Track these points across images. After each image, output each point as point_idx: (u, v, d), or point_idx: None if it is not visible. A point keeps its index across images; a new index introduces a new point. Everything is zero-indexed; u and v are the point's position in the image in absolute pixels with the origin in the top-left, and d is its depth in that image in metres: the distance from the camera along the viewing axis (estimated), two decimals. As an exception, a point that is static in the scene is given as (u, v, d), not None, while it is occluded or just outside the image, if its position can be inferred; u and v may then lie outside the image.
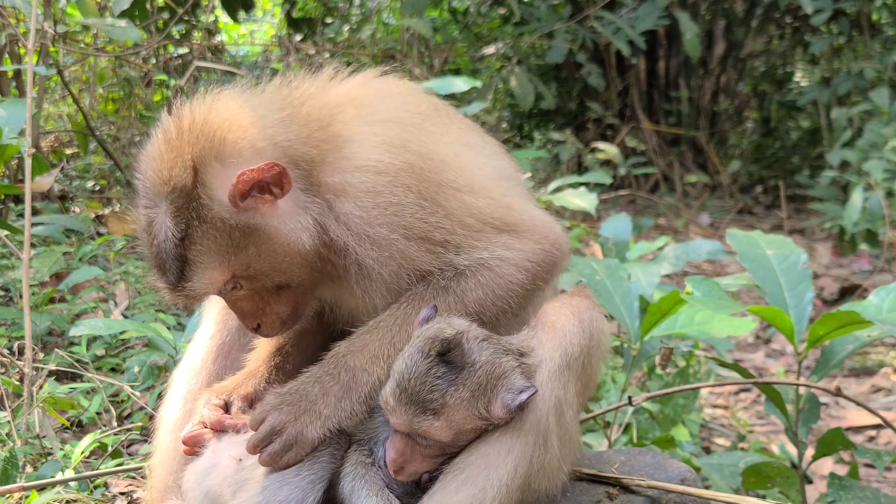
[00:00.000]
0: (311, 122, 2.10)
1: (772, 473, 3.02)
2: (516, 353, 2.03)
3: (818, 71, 11.27)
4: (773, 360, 5.56)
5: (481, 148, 2.36)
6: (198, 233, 1.98)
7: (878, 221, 7.15)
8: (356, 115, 2.14)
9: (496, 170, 2.31)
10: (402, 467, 2.01)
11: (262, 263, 2.04)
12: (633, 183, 10.14)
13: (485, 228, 2.12)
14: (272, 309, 2.14)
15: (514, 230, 2.15)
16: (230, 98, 2.13)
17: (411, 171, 2.07)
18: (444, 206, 2.09)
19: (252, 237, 2.01)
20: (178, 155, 2.00)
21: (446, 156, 2.17)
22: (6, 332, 3.86)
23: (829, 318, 2.62)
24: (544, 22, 9.62)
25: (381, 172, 2.05)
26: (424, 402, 1.92)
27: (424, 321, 2.02)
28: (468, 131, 2.39)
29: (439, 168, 2.12)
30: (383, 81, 2.33)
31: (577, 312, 2.13)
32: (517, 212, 2.19)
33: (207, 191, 1.98)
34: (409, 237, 2.06)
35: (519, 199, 2.26)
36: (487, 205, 2.14)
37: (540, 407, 2.01)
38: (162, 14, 6.88)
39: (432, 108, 2.33)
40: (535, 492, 2.06)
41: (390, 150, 2.07)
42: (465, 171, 2.17)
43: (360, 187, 2.05)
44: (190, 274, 2.01)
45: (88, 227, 5.11)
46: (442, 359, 1.94)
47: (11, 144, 3.72)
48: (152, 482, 2.34)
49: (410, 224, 2.06)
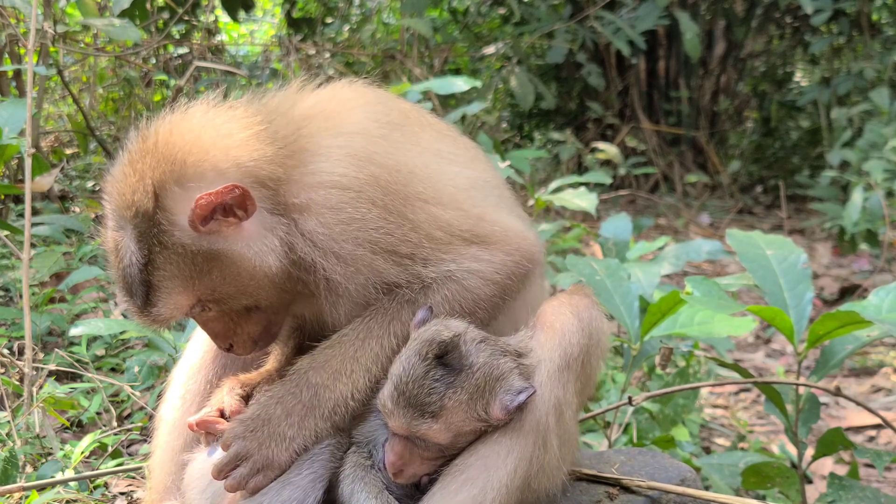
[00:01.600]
0: (278, 139, 2.05)
1: (772, 473, 3.02)
2: (514, 354, 2.02)
3: (818, 71, 11.27)
4: (774, 360, 5.56)
5: (454, 156, 2.30)
6: (160, 258, 1.95)
7: (878, 221, 7.15)
8: (321, 128, 2.09)
9: (469, 179, 2.25)
10: (400, 470, 2.00)
11: (228, 287, 2.00)
12: (633, 183, 10.14)
13: (453, 241, 2.09)
14: (243, 329, 2.11)
15: (484, 241, 2.12)
16: (195, 117, 2.08)
17: (376, 185, 2.02)
18: (412, 218, 2.05)
19: (216, 262, 1.98)
20: (140, 178, 1.96)
21: (415, 167, 2.12)
22: (6, 332, 3.86)
23: (828, 318, 2.62)
24: (544, 22, 9.62)
25: (344, 188, 2.01)
26: (422, 406, 1.91)
27: (420, 323, 2.01)
28: (440, 139, 2.33)
29: (406, 180, 2.08)
30: (352, 91, 2.29)
31: (576, 312, 2.12)
32: (488, 223, 2.15)
33: (168, 216, 1.95)
34: (375, 251, 2.03)
35: (492, 208, 2.22)
36: (456, 217, 2.11)
37: (539, 407, 2.00)
38: (162, 14, 6.88)
39: (402, 116, 2.28)
40: (534, 492, 2.06)
41: (354, 164, 2.02)
42: (435, 182, 2.13)
43: (323, 203, 2.00)
44: (155, 299, 1.98)
45: (88, 227, 5.10)
46: (439, 361, 1.93)
47: (11, 144, 3.72)
48: (152, 482, 2.34)
49: (376, 238, 2.02)
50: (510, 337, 2.09)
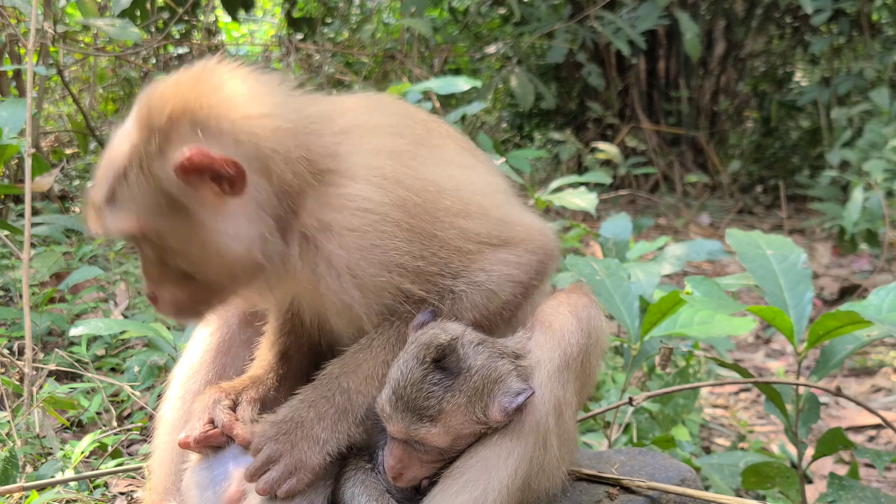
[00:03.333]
0: (312, 148, 1.99)
1: (772, 473, 3.02)
2: (512, 356, 2.02)
3: (818, 71, 11.27)
4: (773, 359, 5.56)
5: (474, 165, 2.31)
6: (132, 174, 1.88)
7: (878, 221, 7.15)
8: (354, 147, 2.06)
9: (491, 185, 2.26)
10: (400, 474, 2.00)
11: (172, 243, 1.93)
12: (633, 183, 10.15)
13: (483, 249, 2.10)
14: (169, 289, 2.01)
15: (509, 243, 2.13)
16: (251, 78, 2.03)
17: (403, 208, 2.00)
18: (441, 236, 2.04)
19: (177, 214, 1.90)
20: (171, 96, 1.90)
21: (441, 181, 2.11)
22: (6, 332, 3.86)
23: (828, 318, 2.62)
24: (544, 22, 9.62)
25: (369, 211, 1.97)
26: (421, 409, 1.91)
27: (419, 326, 2.01)
28: (459, 150, 2.33)
29: (435, 198, 2.06)
30: (384, 105, 2.30)
31: (574, 311, 2.11)
32: (511, 224, 2.16)
33: (164, 144, 1.87)
34: (402, 274, 2.01)
35: (512, 209, 2.23)
36: (484, 225, 2.11)
37: (539, 408, 2.00)
38: (162, 14, 6.88)
39: (425, 130, 2.27)
40: (534, 492, 2.06)
41: (382, 187, 1.99)
42: (461, 193, 2.12)
43: (345, 225, 1.96)
44: (111, 204, 1.91)
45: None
46: (437, 365, 1.93)
47: (11, 144, 3.72)
48: (152, 483, 2.34)
49: (402, 262, 2.00)
50: (508, 338, 2.08)
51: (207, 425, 2.13)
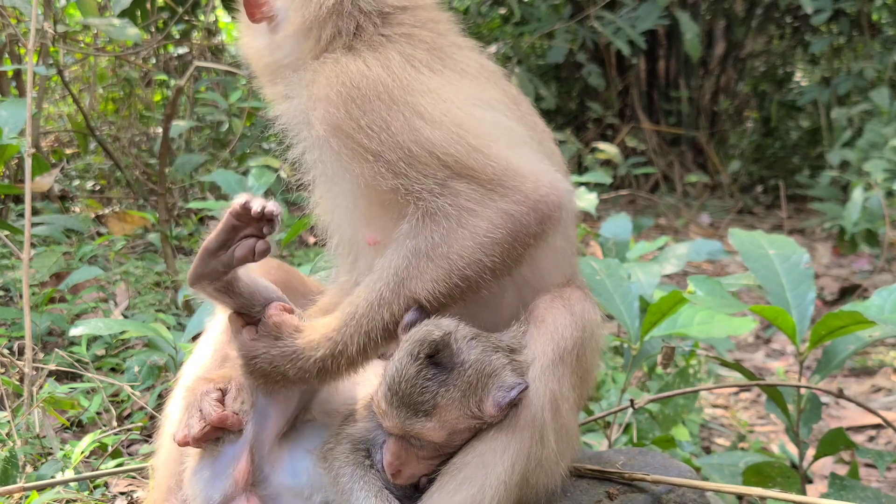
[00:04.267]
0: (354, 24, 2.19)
1: (772, 473, 3.02)
2: (507, 350, 2.02)
3: (818, 71, 11.28)
4: (774, 359, 5.56)
5: (504, 109, 2.20)
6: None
7: (878, 221, 7.15)
8: (398, 34, 2.19)
9: (494, 121, 2.13)
10: (399, 470, 2.01)
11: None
12: (633, 183, 10.15)
13: (433, 165, 1.98)
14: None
15: (476, 179, 1.98)
16: None
17: (371, 84, 2.04)
18: (389, 122, 2.00)
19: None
20: None
21: (437, 90, 2.08)
22: (6, 332, 3.85)
23: (831, 318, 2.63)
24: (544, 22, 9.62)
25: (349, 73, 2.07)
26: (416, 405, 1.92)
27: (409, 325, 2.00)
28: (489, 88, 2.24)
29: (414, 91, 2.05)
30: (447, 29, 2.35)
31: (567, 305, 2.09)
32: (484, 156, 1.99)
33: None
34: (338, 131, 2.04)
35: (502, 145, 2.04)
36: (444, 138, 1.98)
37: (534, 402, 1.99)
38: (162, 14, 6.87)
39: (479, 70, 2.28)
40: (533, 487, 2.05)
41: (374, 67, 2.07)
42: (448, 105, 2.05)
43: (328, 75, 2.09)
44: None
45: (88, 227, 5.11)
46: (431, 360, 1.93)
47: (11, 144, 3.72)
48: (155, 482, 2.34)
49: (343, 119, 2.03)
50: (503, 333, 2.08)
51: (201, 421, 2.11)
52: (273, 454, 2.17)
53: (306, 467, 2.14)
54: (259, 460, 2.14)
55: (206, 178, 5.53)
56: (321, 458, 2.09)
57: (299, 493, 2.13)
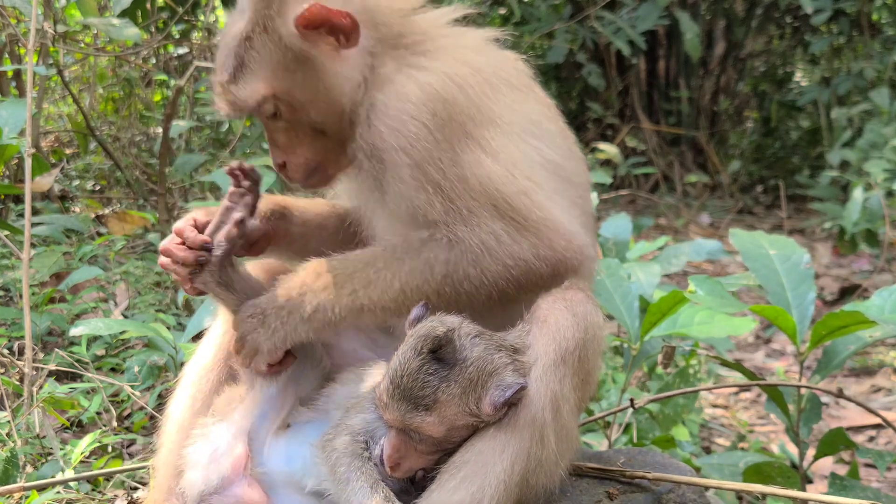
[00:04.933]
0: (416, 27, 2.19)
1: (772, 473, 3.02)
2: (510, 350, 2.02)
3: (818, 71, 11.28)
4: (774, 359, 5.56)
5: (543, 134, 2.25)
6: (258, 39, 2.07)
7: (878, 221, 7.15)
8: (450, 46, 2.19)
9: (544, 158, 2.21)
10: (397, 464, 2.02)
11: (303, 94, 2.12)
12: (633, 183, 10.14)
13: (483, 201, 2.06)
14: (302, 151, 2.21)
15: (515, 221, 2.07)
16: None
17: (447, 106, 2.07)
18: (457, 153, 2.07)
19: (302, 65, 2.10)
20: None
21: (497, 118, 2.13)
22: (6, 332, 3.85)
23: (831, 318, 2.63)
24: (544, 22, 9.62)
25: (423, 90, 2.07)
26: (416, 399, 1.94)
27: (416, 321, 2.03)
28: (540, 114, 2.30)
29: (480, 122, 2.11)
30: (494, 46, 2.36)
31: (570, 306, 2.08)
32: (530, 201, 2.08)
33: (282, 5, 2.07)
34: (407, 152, 2.06)
35: (546, 192, 2.13)
36: (501, 176, 2.07)
37: (535, 402, 1.99)
38: (162, 14, 6.87)
39: (525, 85, 2.31)
40: (533, 488, 2.05)
41: (446, 82, 2.09)
42: (504, 140, 2.12)
43: (398, 90, 2.09)
44: (240, 76, 2.10)
45: (88, 227, 5.10)
46: (434, 356, 1.95)
47: (11, 144, 3.72)
48: (156, 481, 2.34)
49: (413, 143, 2.06)
50: (507, 332, 2.09)
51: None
52: (270, 443, 2.22)
53: (301, 455, 2.17)
54: (257, 447, 2.20)
55: (206, 178, 5.53)
56: (320, 448, 2.11)
57: (293, 480, 2.17)
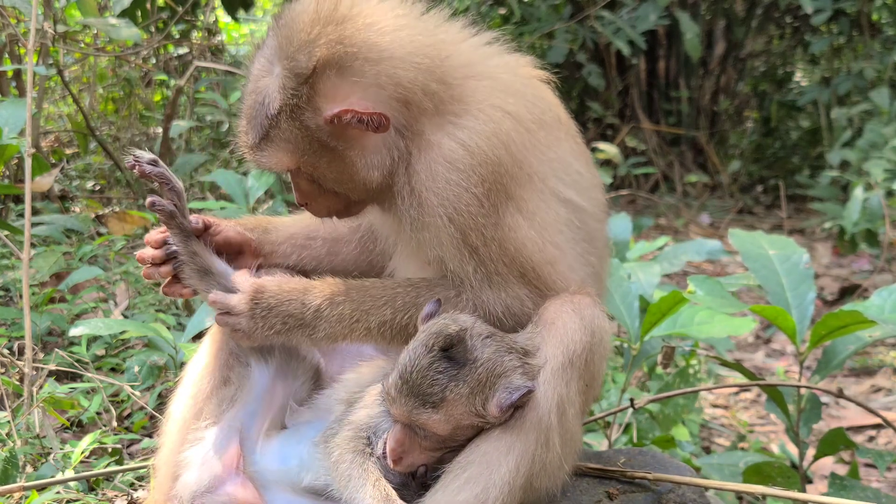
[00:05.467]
0: (446, 78, 2.12)
1: (772, 473, 3.02)
2: (521, 353, 2.03)
3: (818, 71, 11.27)
4: (774, 359, 5.56)
5: (575, 180, 2.28)
6: (285, 123, 2.05)
7: (878, 221, 7.15)
8: (488, 92, 2.15)
9: (572, 211, 2.24)
10: (400, 457, 2.03)
11: (328, 174, 2.12)
12: (633, 183, 10.14)
13: (513, 268, 2.10)
14: (324, 201, 2.22)
15: (539, 289, 2.13)
16: (390, 13, 2.12)
17: (495, 169, 2.07)
18: (500, 216, 2.09)
19: (328, 154, 2.08)
20: (312, 42, 2.02)
21: (535, 174, 2.15)
22: (6, 332, 3.85)
23: (831, 318, 2.63)
24: (544, 22, 9.62)
25: (471, 154, 2.06)
26: (424, 395, 1.95)
27: (428, 317, 2.04)
28: (574, 157, 2.32)
29: (520, 182, 2.12)
30: (529, 74, 2.36)
31: (577, 310, 2.10)
32: (554, 271, 2.14)
33: (312, 94, 2.03)
34: (453, 220, 2.07)
35: (569, 257, 2.20)
36: (533, 242, 2.12)
37: (542, 405, 2.00)
38: (162, 14, 6.87)
39: (555, 120, 2.30)
40: (536, 491, 2.05)
41: (492, 141, 2.08)
42: (540, 199, 2.16)
43: (445, 154, 2.07)
44: (264, 146, 2.10)
45: (88, 227, 5.10)
46: (444, 354, 1.96)
47: (11, 144, 3.72)
48: (156, 481, 2.34)
49: (460, 210, 2.06)
50: (518, 334, 2.10)
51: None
52: (263, 442, 2.24)
53: (298, 453, 2.19)
54: (249, 447, 2.22)
55: (206, 178, 5.54)
56: (322, 443, 2.11)
57: (289, 478, 2.18)
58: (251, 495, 2.17)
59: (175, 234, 2.23)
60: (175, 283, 2.27)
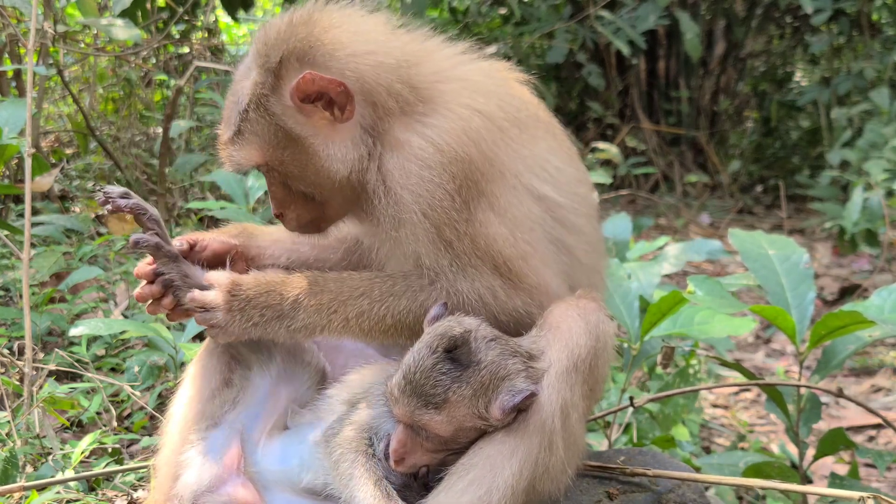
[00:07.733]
0: (412, 82, 2.16)
1: (772, 473, 3.02)
2: (525, 356, 2.04)
3: (818, 71, 11.27)
4: (774, 359, 5.56)
5: (553, 176, 2.29)
6: (253, 114, 2.13)
7: (878, 221, 7.15)
8: (456, 92, 2.18)
9: (546, 210, 2.25)
10: (402, 458, 2.03)
11: (294, 168, 2.16)
12: (633, 183, 10.14)
13: (487, 260, 2.11)
14: (296, 208, 2.24)
15: (512, 281, 2.14)
16: (354, 20, 2.20)
17: (465, 166, 2.09)
18: (472, 212, 2.10)
19: (293, 143, 2.13)
20: (282, 42, 2.12)
21: (507, 172, 2.17)
22: (6, 332, 3.85)
23: (831, 318, 2.63)
24: (544, 22, 9.62)
25: (441, 151, 2.09)
26: (427, 396, 1.96)
27: (434, 319, 2.05)
28: (552, 153, 2.32)
29: (491, 178, 2.13)
30: (500, 74, 2.36)
31: (583, 314, 2.11)
32: (528, 266, 2.15)
33: (278, 82, 2.12)
34: (427, 216, 2.09)
35: (542, 255, 2.20)
36: (505, 239, 2.13)
37: (545, 408, 2.00)
38: (162, 14, 6.87)
39: (531, 117, 2.32)
40: (539, 494, 2.05)
41: (461, 138, 2.10)
42: (512, 196, 2.16)
43: (416, 153, 2.09)
44: (236, 140, 2.17)
45: (88, 227, 5.10)
46: (448, 355, 1.97)
47: (11, 144, 3.72)
48: (156, 481, 2.34)
49: (433, 206, 2.08)
50: (522, 338, 2.10)
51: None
52: (265, 443, 2.25)
53: (299, 453, 2.19)
54: (250, 447, 2.23)
55: (206, 178, 5.53)
56: (324, 442, 2.12)
57: (290, 478, 2.19)
58: (252, 495, 2.17)
59: (164, 262, 2.22)
60: (178, 307, 2.25)
